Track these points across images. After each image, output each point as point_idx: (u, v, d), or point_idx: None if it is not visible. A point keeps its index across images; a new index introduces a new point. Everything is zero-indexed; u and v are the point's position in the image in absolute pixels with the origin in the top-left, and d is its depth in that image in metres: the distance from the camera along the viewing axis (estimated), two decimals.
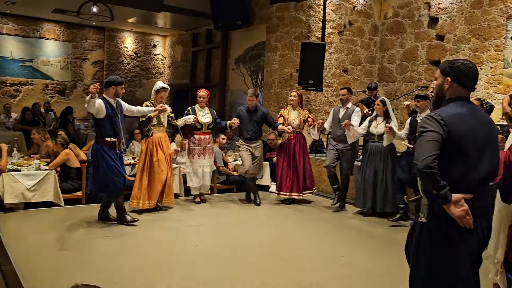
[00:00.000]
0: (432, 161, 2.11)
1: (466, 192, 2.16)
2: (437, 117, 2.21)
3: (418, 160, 2.16)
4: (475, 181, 2.18)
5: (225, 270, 4.02)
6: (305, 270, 4.12)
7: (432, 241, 2.25)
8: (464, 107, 2.29)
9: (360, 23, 9.20)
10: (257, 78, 10.14)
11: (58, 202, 6.02)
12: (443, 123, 2.18)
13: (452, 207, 2.13)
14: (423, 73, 8.47)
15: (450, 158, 2.17)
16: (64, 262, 4.07)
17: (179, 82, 13.82)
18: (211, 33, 11.98)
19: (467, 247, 2.20)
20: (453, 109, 2.26)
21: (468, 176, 2.18)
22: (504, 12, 7.18)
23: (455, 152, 2.17)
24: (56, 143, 6.46)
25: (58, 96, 13.22)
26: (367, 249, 4.85)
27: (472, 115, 2.27)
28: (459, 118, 2.22)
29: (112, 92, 5.16)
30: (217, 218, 5.95)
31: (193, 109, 6.50)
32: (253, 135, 6.66)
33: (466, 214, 2.14)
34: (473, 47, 7.63)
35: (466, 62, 2.35)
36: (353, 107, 6.60)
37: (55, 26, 13.02)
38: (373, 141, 6.11)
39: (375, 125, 6.08)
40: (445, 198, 2.13)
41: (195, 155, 6.46)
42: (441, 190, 2.12)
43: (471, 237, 2.19)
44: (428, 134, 2.18)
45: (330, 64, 8.94)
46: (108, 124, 5.07)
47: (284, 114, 6.77)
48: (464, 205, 2.14)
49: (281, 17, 9.07)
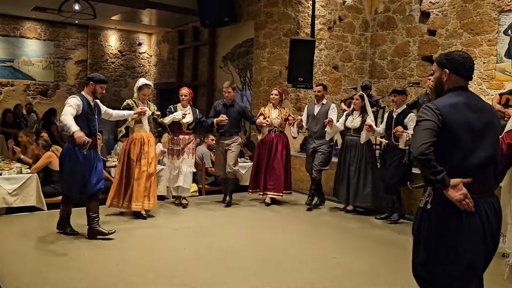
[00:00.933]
0: (427, 148, 2.20)
1: (464, 177, 2.23)
2: (433, 106, 2.29)
3: (414, 148, 2.26)
4: (473, 166, 2.25)
5: (214, 274, 3.89)
6: (296, 271, 4.01)
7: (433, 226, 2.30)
8: (461, 96, 2.35)
9: (350, 19, 9.05)
10: (246, 76, 9.94)
11: (41, 206, 5.81)
12: (438, 112, 2.26)
13: (451, 191, 2.20)
14: (415, 69, 8.36)
15: (447, 146, 2.26)
16: (47, 268, 3.92)
17: (165, 81, 13.56)
18: (198, 30, 11.75)
19: (469, 230, 2.23)
20: (449, 99, 2.33)
21: (466, 162, 2.25)
22: (497, 6, 7.09)
23: (451, 139, 2.26)
24: (37, 146, 6.21)
25: (40, 97, 12.85)
26: (358, 248, 4.78)
27: (468, 103, 2.33)
28: (454, 107, 2.29)
29: (90, 89, 4.74)
30: (205, 220, 5.78)
31: (175, 108, 6.29)
32: (229, 130, 6.45)
33: (465, 197, 2.19)
34: (465, 42, 7.53)
35: (461, 52, 2.44)
36: (328, 103, 6.57)
37: (36, 25, 12.64)
38: (349, 135, 6.20)
39: (351, 120, 6.15)
40: (442, 183, 2.20)
41: (173, 155, 6.25)
42: (438, 175, 2.20)
43: (473, 219, 2.23)
44: (423, 123, 2.27)
45: (320, 61, 8.78)
46: (84, 123, 4.61)
47: (265, 112, 6.63)
48: (462, 189, 2.20)
49: (270, 13, 8.88)
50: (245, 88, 9.97)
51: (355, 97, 6.23)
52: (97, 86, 4.76)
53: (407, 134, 5.35)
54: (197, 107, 9.74)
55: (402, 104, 5.79)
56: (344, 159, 6.22)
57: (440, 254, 2.28)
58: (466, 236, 2.23)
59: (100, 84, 4.78)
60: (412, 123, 5.55)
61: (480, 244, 2.25)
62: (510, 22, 6.95)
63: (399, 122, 5.65)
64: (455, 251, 2.23)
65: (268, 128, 6.56)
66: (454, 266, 2.24)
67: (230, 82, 6.60)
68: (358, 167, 6.08)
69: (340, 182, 6.25)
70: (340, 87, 9.08)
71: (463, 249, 2.22)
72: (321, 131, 6.37)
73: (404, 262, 4.29)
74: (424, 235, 2.34)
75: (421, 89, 7.73)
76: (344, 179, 6.19)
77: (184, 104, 6.30)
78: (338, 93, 9.06)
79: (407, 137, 5.32)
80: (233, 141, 6.49)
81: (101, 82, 4.80)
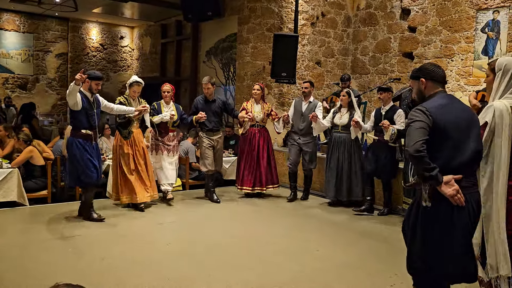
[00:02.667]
0: (421, 145, 2.37)
1: (455, 174, 2.41)
2: (423, 108, 2.49)
3: (408, 146, 2.42)
4: (462, 162, 2.44)
5: (199, 268, 3.93)
6: (280, 265, 4.07)
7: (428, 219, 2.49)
8: (445, 98, 2.58)
9: (333, 15, 9.13)
10: (229, 70, 9.95)
11: (23, 201, 5.75)
12: (428, 113, 2.45)
13: (444, 187, 2.38)
14: (396, 65, 8.50)
15: (437, 144, 2.43)
16: (30, 264, 3.89)
17: (148, 75, 13.45)
18: (181, 24, 11.68)
19: (461, 223, 2.44)
20: (436, 101, 2.54)
21: (455, 159, 2.44)
22: (474, 4, 7.26)
23: (441, 138, 2.44)
24: (18, 140, 6.13)
25: (19, 91, 12.63)
26: (340, 241, 4.88)
27: (452, 104, 2.56)
28: (442, 108, 2.49)
29: (86, 86, 5.04)
30: (189, 215, 5.81)
31: (158, 105, 6.24)
32: (214, 126, 6.43)
33: (457, 193, 2.38)
34: (444, 39, 7.69)
35: (430, 63, 2.75)
36: (315, 101, 6.66)
37: (14, 17, 12.39)
38: (337, 131, 6.26)
39: (339, 116, 6.22)
40: (436, 179, 2.37)
41: (158, 151, 6.24)
42: (432, 171, 2.37)
43: (464, 213, 2.44)
44: (415, 123, 2.45)
45: (303, 56, 8.84)
46: (84, 117, 5.01)
47: (247, 107, 6.62)
48: (454, 185, 2.39)
49: (253, 8, 8.90)
50: (228, 83, 9.98)
51: (342, 94, 6.26)
52: (93, 83, 5.05)
53: (392, 128, 5.48)
54: (180, 102, 9.74)
55: (389, 101, 5.91)
56: (333, 155, 6.26)
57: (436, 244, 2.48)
58: (458, 226, 2.44)
59: (95, 80, 5.05)
60: (400, 118, 5.70)
61: (467, 234, 2.51)
62: (488, 20, 7.13)
63: (387, 119, 5.74)
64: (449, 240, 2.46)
65: (251, 123, 6.58)
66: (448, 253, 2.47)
67: (209, 77, 6.54)
68: (349, 163, 6.16)
69: (330, 178, 6.27)
70: (322, 83, 9.17)
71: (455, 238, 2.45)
72: (308, 129, 6.45)
73: (388, 255, 4.43)
74: (420, 229, 2.53)
75: (401, 85, 7.87)
76: (333, 175, 6.21)
77: (167, 101, 6.27)
78: (320, 88, 9.15)
79: (392, 131, 5.46)
80: (220, 137, 6.51)
81: (96, 79, 5.07)
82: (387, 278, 3.81)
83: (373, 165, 5.94)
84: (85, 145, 5.01)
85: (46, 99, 12.92)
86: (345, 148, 6.17)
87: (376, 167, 5.93)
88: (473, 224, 2.53)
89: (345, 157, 6.17)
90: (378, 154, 5.90)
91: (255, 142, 6.56)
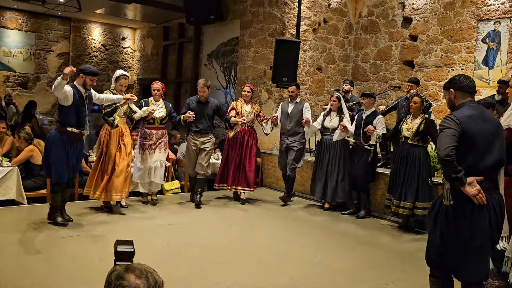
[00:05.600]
0: (451, 150, 2.64)
1: (477, 176, 2.68)
2: (453, 117, 2.74)
3: (440, 150, 2.68)
4: (485, 167, 2.72)
5: (196, 270, 3.94)
6: (277, 268, 4.09)
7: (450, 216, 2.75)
8: (475, 110, 2.81)
9: (335, 21, 9.18)
10: (230, 74, 9.98)
11: (21, 200, 5.74)
12: (458, 122, 2.71)
13: (468, 188, 2.65)
14: (396, 73, 8.54)
15: (465, 150, 2.70)
16: (28, 262, 3.89)
17: (149, 76, 13.47)
18: (183, 27, 11.71)
19: (481, 221, 2.68)
20: (466, 112, 2.78)
21: (479, 164, 2.71)
22: (476, 15, 7.31)
23: (468, 145, 2.70)
24: (19, 138, 6.13)
25: (20, 89, 12.62)
26: (337, 246, 4.91)
27: (481, 116, 2.80)
28: (471, 119, 2.75)
29: (81, 81, 4.84)
30: (187, 217, 5.81)
31: (146, 102, 6.11)
32: (203, 128, 6.30)
33: (478, 193, 2.65)
34: (445, 48, 7.73)
35: (460, 74, 3.02)
36: (302, 102, 6.70)
37: (17, 15, 12.40)
38: (328, 134, 6.42)
39: (329, 120, 6.40)
40: (461, 181, 2.65)
41: (145, 150, 6.08)
42: (458, 173, 2.64)
43: (484, 211, 2.69)
44: (447, 130, 2.71)
45: (304, 62, 8.88)
46: (74, 113, 4.76)
47: (237, 107, 6.54)
48: (476, 186, 2.66)
49: (256, 13, 8.94)
50: (229, 86, 10.01)
51: (332, 99, 6.43)
52: (87, 78, 4.83)
53: (377, 133, 5.71)
54: (180, 103, 9.74)
55: (371, 106, 6.13)
56: (323, 158, 6.39)
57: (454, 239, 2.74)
58: (477, 225, 2.70)
59: (90, 76, 4.85)
60: (381, 124, 5.94)
61: (487, 231, 2.72)
62: (489, 31, 7.18)
63: (368, 123, 5.94)
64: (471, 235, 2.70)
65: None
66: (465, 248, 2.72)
67: (205, 80, 6.43)
68: (338, 166, 6.29)
69: (318, 180, 6.39)
70: (323, 88, 9.21)
71: (475, 234, 2.69)
72: (295, 129, 6.51)
73: (385, 262, 4.44)
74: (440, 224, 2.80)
75: (401, 93, 7.91)
76: (322, 178, 6.35)
77: (156, 99, 6.16)
78: (321, 94, 9.19)
79: (377, 135, 5.69)
80: (208, 140, 6.36)
81: (91, 75, 4.86)
82: (384, 285, 3.82)
83: (349, 168, 6.23)
84: (66, 145, 4.79)
85: (46, 98, 12.91)
86: (335, 151, 6.31)
87: (352, 170, 6.17)
88: (495, 225, 2.75)
89: (335, 160, 6.30)
90: (354, 157, 6.16)
91: (244, 143, 6.47)
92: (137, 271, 1.42)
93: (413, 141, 5.35)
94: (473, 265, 2.74)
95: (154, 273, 1.45)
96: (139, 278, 1.41)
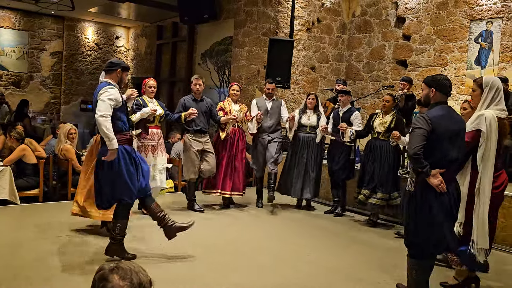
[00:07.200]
0: (419, 149, 3.08)
1: (441, 168, 3.10)
2: (426, 117, 3.12)
3: (410, 148, 3.13)
4: (447, 162, 3.15)
5: (191, 270, 3.93)
6: (271, 269, 4.09)
7: (418, 202, 3.18)
8: (445, 109, 3.21)
9: (328, 21, 9.20)
10: (224, 73, 9.98)
11: (14, 200, 5.72)
12: (429, 122, 3.09)
13: (432, 179, 3.10)
14: (390, 72, 8.58)
15: (432, 146, 3.11)
16: (20, 263, 3.86)
17: (142, 76, 13.43)
18: (177, 26, 11.69)
19: (442, 204, 3.14)
20: (438, 111, 3.17)
21: (443, 158, 3.13)
22: (468, 15, 7.35)
23: (436, 142, 3.11)
24: (10, 138, 6.10)
25: (13, 88, 12.54)
26: (330, 246, 4.92)
27: (449, 116, 3.19)
28: (441, 119, 3.13)
29: (117, 78, 4.02)
30: (182, 218, 5.74)
31: (143, 100, 5.63)
32: (204, 127, 6.05)
33: (441, 183, 3.09)
34: (438, 47, 7.78)
35: (443, 76, 3.36)
36: (278, 99, 6.72)
37: (10, 14, 12.32)
38: (305, 132, 6.42)
39: (307, 118, 6.43)
40: (426, 173, 3.10)
41: (148, 152, 5.60)
42: (424, 168, 3.09)
43: (445, 197, 3.14)
44: (418, 130, 3.11)
45: (298, 61, 8.90)
46: (123, 117, 4.00)
47: (225, 107, 6.32)
48: (439, 177, 3.09)
49: (249, 12, 8.95)
50: (223, 85, 10.00)
51: (311, 97, 6.49)
52: (124, 74, 4.07)
53: (350, 130, 5.82)
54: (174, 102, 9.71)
55: (347, 103, 6.24)
56: (301, 155, 6.38)
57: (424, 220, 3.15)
58: (440, 208, 3.13)
59: (126, 72, 4.10)
60: (358, 120, 6.08)
61: (449, 212, 3.17)
62: (481, 31, 7.23)
63: (345, 119, 6.04)
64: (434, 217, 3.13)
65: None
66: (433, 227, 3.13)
67: (199, 75, 6.31)
68: (316, 163, 6.38)
69: (296, 177, 6.38)
70: (316, 88, 9.23)
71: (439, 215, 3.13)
72: (276, 126, 6.47)
73: (377, 260, 4.46)
74: (413, 211, 3.21)
75: (394, 92, 7.92)
76: (300, 175, 6.36)
77: (151, 96, 5.71)
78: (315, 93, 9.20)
79: (351, 132, 5.80)
80: (208, 139, 6.15)
81: (127, 70, 4.16)
82: (375, 284, 3.84)
83: (329, 165, 6.29)
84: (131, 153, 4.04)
85: (39, 97, 12.85)
86: (313, 148, 6.37)
87: (332, 167, 6.23)
88: (455, 208, 3.23)
89: (313, 157, 6.36)
90: (335, 154, 6.22)
91: (235, 143, 6.31)
92: (121, 271, 1.40)
93: (383, 137, 5.58)
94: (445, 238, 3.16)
95: (141, 273, 1.43)
96: (123, 279, 1.39)
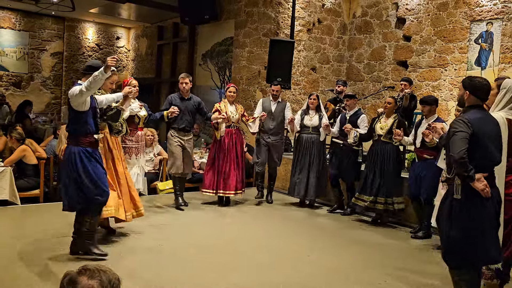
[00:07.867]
0: (464, 153, 2.92)
1: (483, 172, 2.97)
2: (465, 120, 3.02)
3: (454, 152, 2.95)
4: (490, 165, 3.05)
5: (190, 270, 3.93)
6: (271, 268, 4.10)
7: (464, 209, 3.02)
8: (481, 113, 3.13)
9: (329, 21, 9.21)
10: (225, 74, 9.98)
11: (14, 200, 5.73)
12: (469, 125, 2.98)
13: (477, 183, 2.94)
14: (390, 73, 8.58)
15: (474, 150, 2.98)
16: (20, 264, 3.86)
17: (143, 76, 13.44)
18: (178, 26, 11.70)
19: (488, 210, 3.01)
20: (476, 115, 3.08)
21: (485, 161, 3.03)
22: (469, 15, 7.36)
23: (476, 145, 2.99)
24: (11, 138, 6.11)
25: (13, 89, 12.55)
26: (330, 246, 4.92)
27: (487, 119, 3.12)
28: (480, 121, 3.04)
29: None
30: (181, 217, 5.80)
31: None
32: (187, 126, 6.14)
33: (486, 187, 2.95)
34: (438, 48, 7.78)
35: (480, 79, 3.19)
36: (283, 101, 6.76)
37: (10, 14, 12.33)
38: (308, 133, 6.46)
39: (309, 118, 6.47)
40: (471, 178, 2.94)
41: (132, 154, 5.41)
42: (470, 172, 2.92)
43: (489, 202, 3.01)
44: (459, 133, 2.98)
45: (299, 62, 8.90)
46: (92, 119, 4.01)
47: (221, 108, 6.32)
48: (484, 181, 2.96)
49: (250, 13, 8.95)
50: (223, 86, 10.00)
51: (312, 97, 6.51)
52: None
53: (354, 131, 5.90)
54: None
55: (354, 106, 6.29)
56: (304, 156, 6.44)
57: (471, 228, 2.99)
58: (486, 214, 3.01)
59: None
60: (364, 123, 6.14)
61: (493, 218, 3.06)
62: (481, 31, 7.23)
63: (352, 123, 6.09)
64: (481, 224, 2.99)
65: (226, 124, 6.31)
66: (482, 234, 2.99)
67: (187, 73, 6.37)
68: (319, 164, 6.42)
69: (300, 178, 6.43)
70: (317, 89, 9.23)
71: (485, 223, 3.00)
72: (277, 128, 6.57)
73: (378, 260, 4.46)
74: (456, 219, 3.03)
75: (394, 93, 7.93)
76: (304, 175, 6.40)
77: (133, 97, 5.23)
78: None
79: (355, 133, 5.88)
80: (190, 138, 6.27)
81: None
82: (376, 284, 3.84)
83: (335, 169, 6.30)
84: (95, 155, 4.04)
85: (40, 97, 12.85)
86: (316, 149, 6.41)
87: (339, 170, 6.27)
88: (498, 213, 3.10)
89: (314, 158, 6.40)
90: (342, 158, 6.25)
91: (231, 144, 6.33)
92: (88, 272, 1.43)
93: (385, 139, 5.64)
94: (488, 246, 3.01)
95: (108, 271, 1.45)
96: (91, 278, 1.41)
